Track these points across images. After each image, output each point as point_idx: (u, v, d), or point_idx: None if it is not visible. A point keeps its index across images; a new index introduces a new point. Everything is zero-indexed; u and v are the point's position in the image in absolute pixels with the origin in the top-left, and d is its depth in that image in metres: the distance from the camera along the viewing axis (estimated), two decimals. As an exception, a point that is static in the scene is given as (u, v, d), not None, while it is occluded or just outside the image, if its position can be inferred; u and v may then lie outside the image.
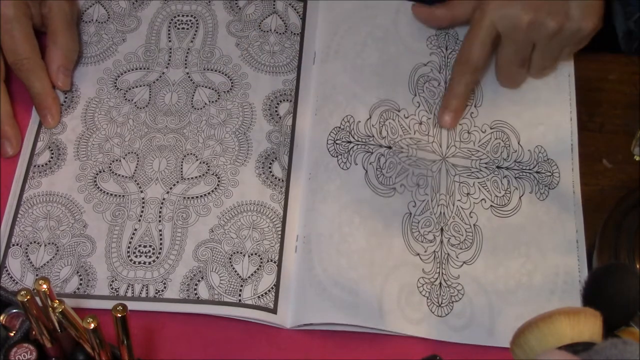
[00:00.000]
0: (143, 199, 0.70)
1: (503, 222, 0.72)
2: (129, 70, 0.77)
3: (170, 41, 0.78)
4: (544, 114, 0.78)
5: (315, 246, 0.69)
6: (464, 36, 0.80)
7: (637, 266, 0.68)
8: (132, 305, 0.63)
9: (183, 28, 0.79)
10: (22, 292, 0.50)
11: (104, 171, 0.71)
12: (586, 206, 0.74)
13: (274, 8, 0.81)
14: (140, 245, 0.68)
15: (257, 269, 0.68)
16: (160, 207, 0.70)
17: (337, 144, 0.73)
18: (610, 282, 0.53)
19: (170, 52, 0.78)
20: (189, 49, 0.78)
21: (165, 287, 0.66)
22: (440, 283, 0.69)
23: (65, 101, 0.75)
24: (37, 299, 0.51)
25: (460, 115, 0.76)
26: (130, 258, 0.68)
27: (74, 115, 0.74)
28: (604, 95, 0.80)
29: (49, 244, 0.68)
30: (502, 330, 0.68)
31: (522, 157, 0.75)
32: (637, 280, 0.53)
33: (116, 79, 0.76)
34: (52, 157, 0.72)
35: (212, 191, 0.71)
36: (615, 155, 0.78)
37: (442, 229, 0.71)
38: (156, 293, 0.66)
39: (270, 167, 0.72)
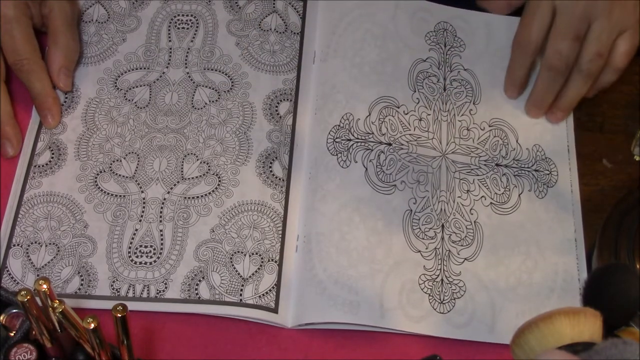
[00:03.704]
0: (144, 199, 0.70)
1: (503, 220, 0.72)
2: (129, 70, 0.77)
3: (170, 41, 0.78)
4: None
5: (315, 245, 0.69)
6: (462, 32, 0.80)
7: (637, 266, 0.68)
8: (133, 306, 0.63)
9: (183, 28, 0.79)
10: (22, 292, 0.50)
11: (104, 171, 0.72)
12: (586, 206, 0.74)
13: (273, 7, 0.81)
14: (141, 246, 0.68)
15: (258, 268, 0.68)
16: (161, 207, 0.70)
17: (336, 142, 0.73)
18: (610, 282, 0.53)
19: (171, 52, 0.78)
20: (189, 49, 0.78)
21: (166, 287, 0.67)
22: (442, 280, 0.69)
23: (65, 101, 0.75)
24: (37, 299, 0.51)
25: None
26: (131, 258, 0.68)
27: (74, 115, 0.74)
28: (604, 95, 0.80)
29: (50, 244, 0.68)
30: (503, 327, 0.68)
31: (520, 155, 0.75)
32: (637, 280, 0.53)
33: (116, 79, 0.76)
34: (52, 157, 0.72)
35: (213, 191, 0.71)
36: (615, 155, 0.78)
37: (442, 226, 0.71)
38: (157, 293, 0.66)
39: (270, 167, 0.72)
